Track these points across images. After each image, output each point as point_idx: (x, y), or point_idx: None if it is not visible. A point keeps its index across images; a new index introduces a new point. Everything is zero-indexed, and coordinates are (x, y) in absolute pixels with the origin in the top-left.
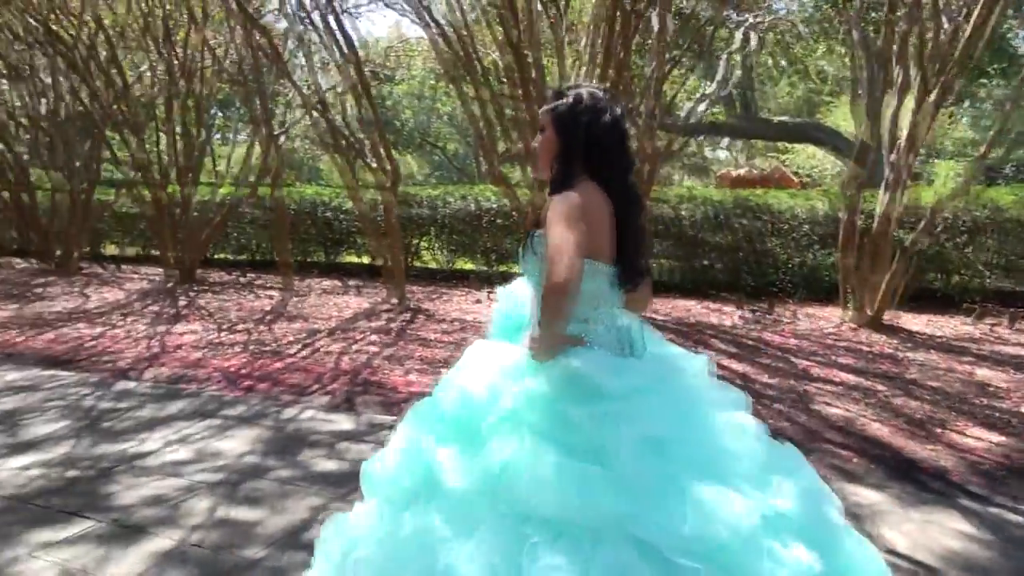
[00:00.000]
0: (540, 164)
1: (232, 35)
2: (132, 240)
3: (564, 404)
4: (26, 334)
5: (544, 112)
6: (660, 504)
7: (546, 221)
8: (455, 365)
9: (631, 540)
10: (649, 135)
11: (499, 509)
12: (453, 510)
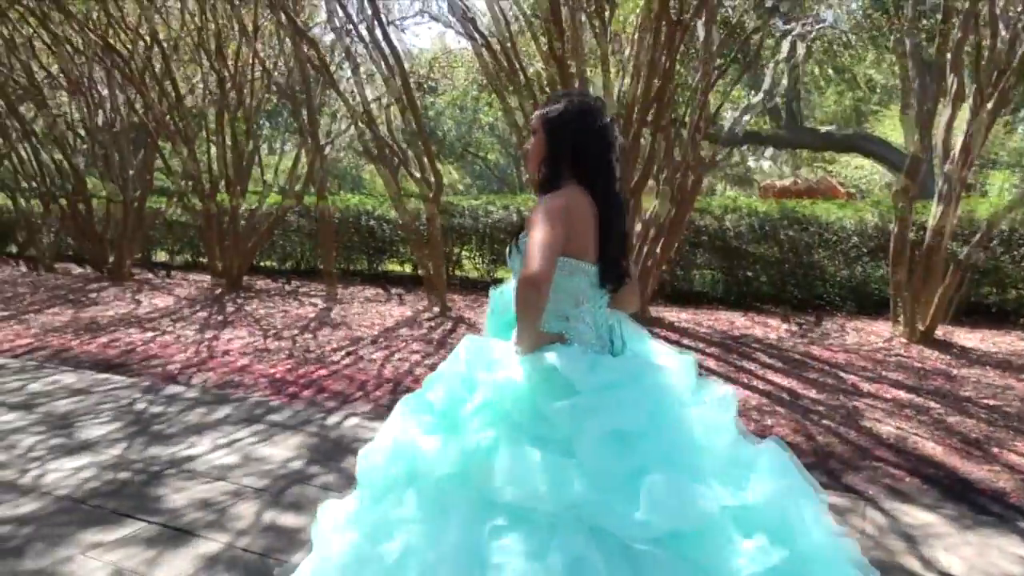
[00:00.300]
0: (531, 166)
1: (281, 47)
2: (182, 248)
3: (538, 397)
4: (81, 338)
5: (535, 116)
6: (620, 494)
7: (529, 219)
8: (448, 358)
9: (587, 527)
10: (693, 145)
11: (468, 494)
12: (426, 495)
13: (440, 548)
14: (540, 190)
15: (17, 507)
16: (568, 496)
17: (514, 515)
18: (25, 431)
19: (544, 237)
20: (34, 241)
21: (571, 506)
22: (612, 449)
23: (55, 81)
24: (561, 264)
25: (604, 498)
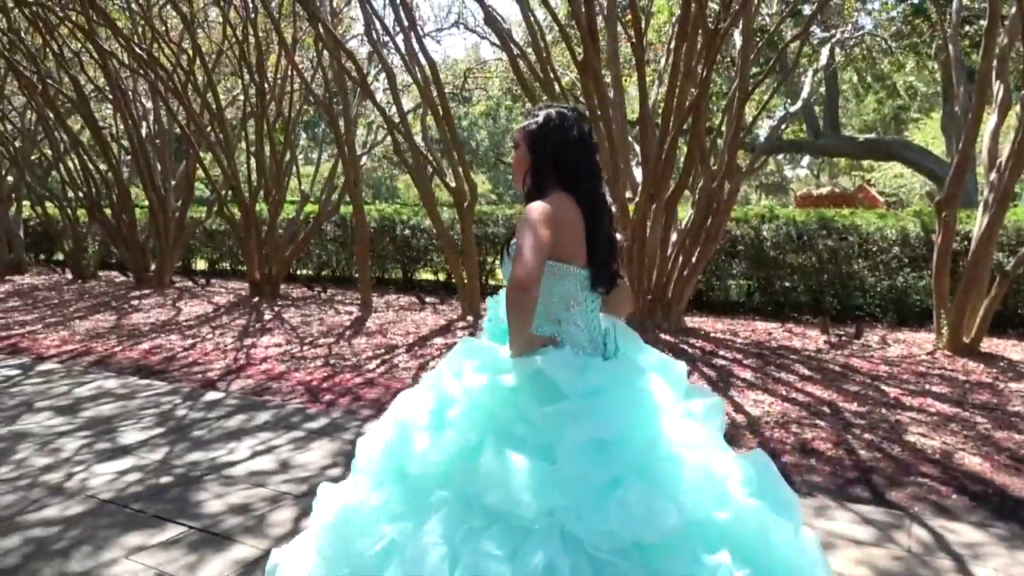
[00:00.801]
0: (517, 179)
1: (319, 60)
2: (220, 256)
3: (524, 400)
4: (124, 344)
5: (517, 130)
6: (593, 502)
7: (516, 226)
8: (444, 359)
9: (560, 533)
10: (730, 155)
11: (449, 494)
12: (412, 492)
13: (419, 545)
14: (527, 200)
15: (65, 509)
16: (544, 502)
17: (491, 517)
18: (71, 435)
19: (530, 242)
20: (80, 249)
21: (547, 512)
22: (591, 457)
23: (101, 94)
24: (551, 268)
25: (577, 505)
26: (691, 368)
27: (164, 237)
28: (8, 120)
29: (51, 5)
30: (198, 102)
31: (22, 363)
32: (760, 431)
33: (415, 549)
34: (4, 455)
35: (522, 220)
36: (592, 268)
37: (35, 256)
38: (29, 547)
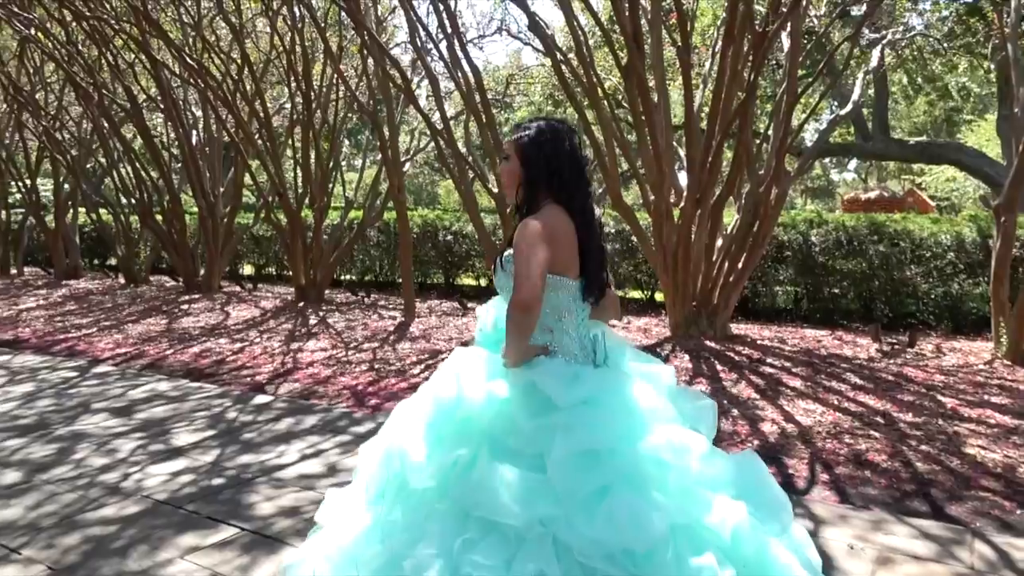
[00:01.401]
0: (508, 191)
1: (364, 67)
2: (267, 261)
3: (517, 412)
4: (175, 347)
5: (508, 143)
6: (582, 512)
7: (515, 241)
8: (438, 369)
9: (552, 541)
10: (778, 159)
11: (446, 506)
12: (411, 504)
13: (417, 557)
14: (519, 212)
15: (122, 509)
16: (536, 512)
17: (486, 528)
18: (126, 436)
19: (531, 260)
20: (132, 255)
21: (538, 521)
22: (580, 467)
23: (153, 103)
24: (546, 281)
25: (567, 514)
26: (738, 376)
27: (213, 243)
28: (66, 129)
29: (107, 18)
30: (246, 110)
31: (79, 365)
32: (812, 441)
33: (415, 561)
34: (64, 455)
35: (521, 237)
36: (585, 279)
37: (90, 261)
38: (88, 545)
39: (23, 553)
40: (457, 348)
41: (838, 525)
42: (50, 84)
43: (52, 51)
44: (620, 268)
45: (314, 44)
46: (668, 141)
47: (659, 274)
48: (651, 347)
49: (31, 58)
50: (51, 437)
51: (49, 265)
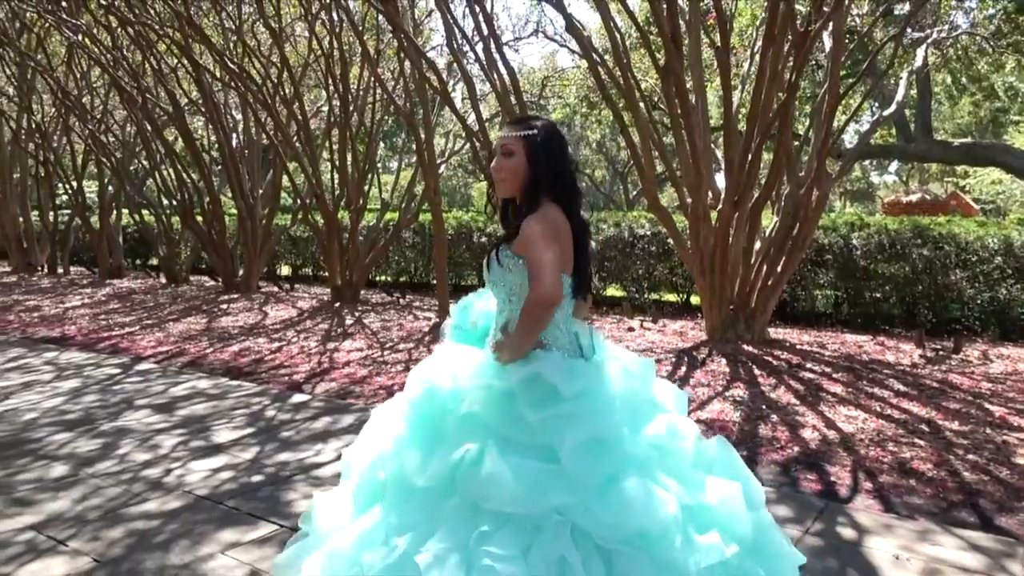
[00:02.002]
0: (506, 187)
1: (401, 69)
2: (303, 262)
3: (521, 406)
4: (214, 346)
5: (514, 138)
6: (597, 498)
7: (524, 239)
8: (421, 365)
9: (568, 528)
10: (819, 160)
11: (454, 502)
12: (415, 503)
13: (431, 552)
14: (521, 212)
15: (164, 504)
16: (551, 501)
17: (500, 520)
18: (168, 432)
19: (549, 258)
20: (173, 255)
21: (554, 510)
22: (591, 455)
23: (195, 107)
24: None
25: (583, 502)
26: (777, 381)
27: (251, 244)
28: (111, 132)
29: (152, 24)
30: (285, 113)
31: (122, 362)
32: (854, 448)
33: (429, 556)
34: (109, 449)
35: (533, 235)
36: (577, 276)
37: (132, 261)
38: (132, 539)
39: (70, 545)
40: (445, 346)
41: (883, 535)
42: (96, 88)
43: (98, 56)
44: (655, 271)
45: (352, 47)
46: (706, 143)
47: (695, 277)
48: (687, 350)
49: (78, 63)
50: (96, 432)
51: (94, 265)
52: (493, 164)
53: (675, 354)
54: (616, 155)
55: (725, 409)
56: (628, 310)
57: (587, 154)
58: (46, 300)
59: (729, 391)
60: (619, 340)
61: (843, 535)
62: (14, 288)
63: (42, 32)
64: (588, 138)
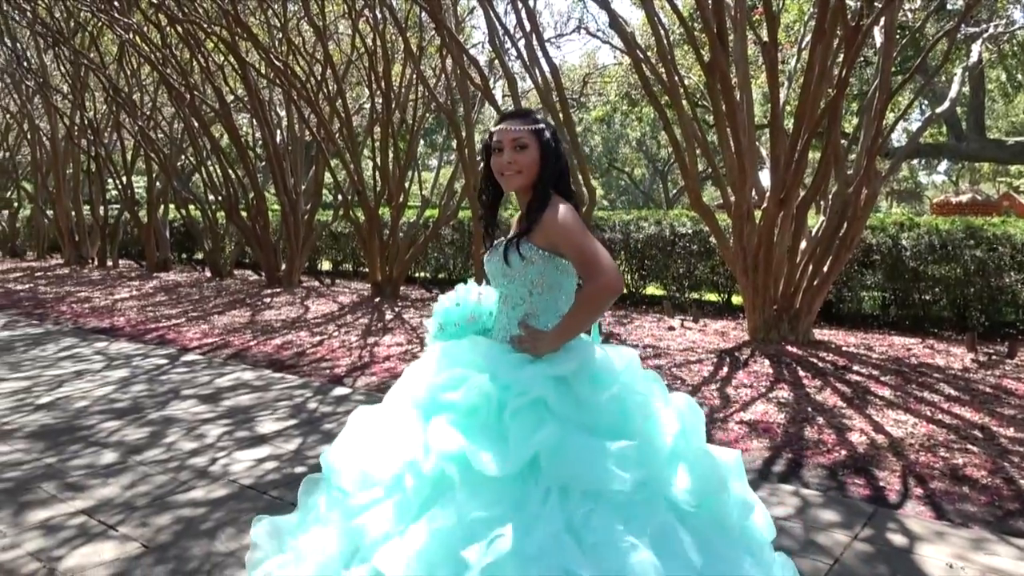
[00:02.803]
0: (518, 181)
1: (443, 65)
2: (344, 257)
3: (580, 389)
4: (258, 339)
5: (527, 132)
6: (671, 468)
7: (563, 230)
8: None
9: (661, 499)
10: (869, 158)
11: (540, 488)
12: (494, 495)
13: (533, 542)
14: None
15: (210, 492)
16: (637, 474)
17: (591, 497)
18: (213, 422)
19: (598, 245)
20: (218, 249)
21: (641, 483)
22: (654, 431)
23: (240, 104)
24: (566, 266)
25: (660, 472)
26: (822, 383)
27: (294, 239)
28: (159, 128)
29: (200, 22)
30: (328, 110)
31: (169, 353)
32: (903, 453)
33: (535, 542)
34: (156, 438)
35: (569, 224)
36: None
37: (179, 255)
38: (179, 526)
39: (119, 530)
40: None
41: (935, 542)
42: (146, 86)
43: (148, 54)
44: (696, 270)
45: (394, 45)
46: (751, 140)
47: (738, 276)
48: (729, 351)
49: (129, 61)
50: (144, 421)
51: (141, 258)
52: (504, 158)
53: (716, 354)
54: (656, 153)
55: (769, 410)
56: (668, 309)
57: (627, 152)
58: (96, 292)
59: (773, 392)
60: (659, 339)
61: (894, 542)
62: (66, 280)
63: (95, 31)
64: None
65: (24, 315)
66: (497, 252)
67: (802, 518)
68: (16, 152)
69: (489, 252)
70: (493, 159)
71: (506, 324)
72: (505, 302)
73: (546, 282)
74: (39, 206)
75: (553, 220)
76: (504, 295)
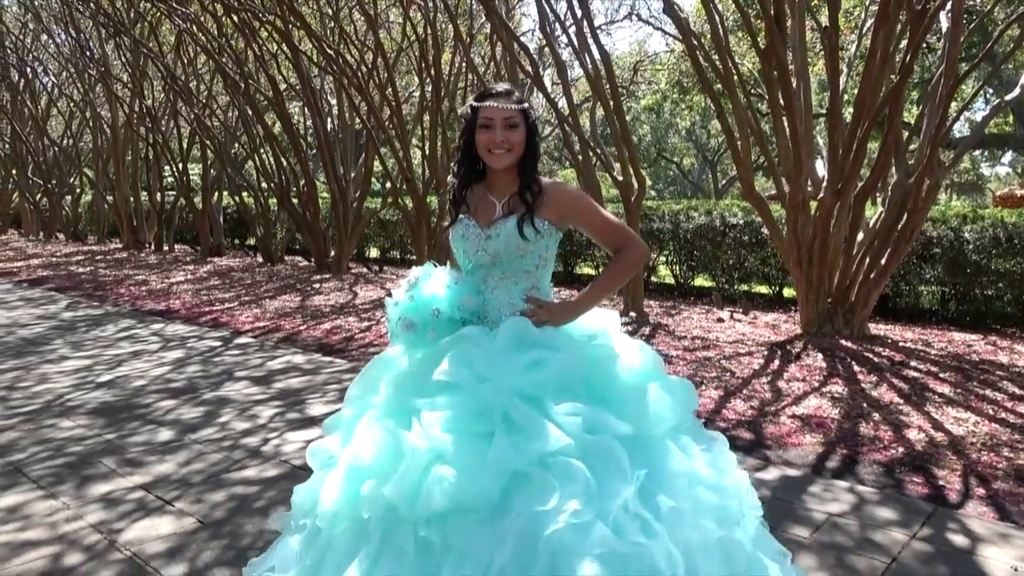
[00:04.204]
0: (508, 159)
1: (492, 52)
2: (391, 244)
3: (647, 348)
4: (308, 323)
5: (517, 111)
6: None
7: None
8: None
9: (671, 433)
10: (932, 148)
11: (636, 434)
12: (602, 454)
13: (677, 459)
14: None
15: (262, 471)
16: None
17: (674, 433)
18: (265, 403)
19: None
20: (269, 235)
21: (670, 427)
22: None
23: (293, 92)
24: (558, 239)
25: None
26: (878, 379)
27: (343, 226)
28: (215, 116)
29: (255, 10)
30: (378, 98)
31: (223, 336)
32: (964, 452)
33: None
34: (211, 417)
35: (582, 199)
36: None
37: (232, 240)
38: (233, 503)
39: (176, 505)
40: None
41: (999, 544)
42: (202, 75)
43: (205, 43)
44: (746, 261)
45: (444, 32)
46: (807, 128)
47: (791, 268)
48: (780, 344)
49: (186, 50)
50: (199, 400)
51: (196, 243)
52: (497, 136)
53: (767, 347)
54: (706, 143)
55: (823, 405)
56: (717, 300)
57: (676, 142)
58: (153, 275)
59: (826, 387)
60: (708, 331)
61: (954, 542)
62: (125, 263)
63: (154, 21)
64: (678, 125)
65: (85, 297)
66: (503, 227)
67: (858, 515)
68: (79, 139)
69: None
70: (480, 135)
71: (508, 301)
72: (503, 278)
73: (548, 255)
74: (100, 192)
75: (574, 195)
76: (502, 272)
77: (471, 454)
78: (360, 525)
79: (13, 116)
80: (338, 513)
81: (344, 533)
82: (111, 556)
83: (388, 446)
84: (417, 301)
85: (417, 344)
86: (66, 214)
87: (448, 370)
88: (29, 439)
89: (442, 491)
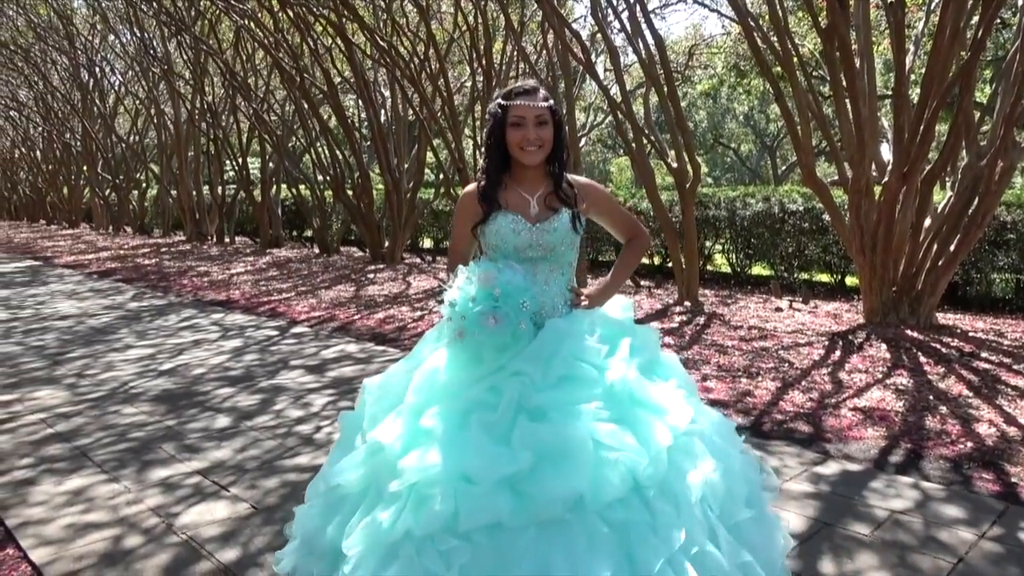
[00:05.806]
0: (540, 156)
1: (544, 40)
2: (444, 235)
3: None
4: (361, 313)
5: (546, 108)
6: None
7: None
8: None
9: None
10: (1007, 128)
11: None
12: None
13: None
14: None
15: (314, 459)
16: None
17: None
18: (319, 391)
19: None
20: (325, 227)
21: None
22: None
23: (347, 85)
24: None
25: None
26: (946, 370)
27: (397, 217)
28: (272, 111)
29: (310, 4)
30: (430, 89)
31: (279, 325)
32: None
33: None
34: (266, 405)
35: (608, 194)
36: None
37: (289, 232)
38: (286, 489)
39: (231, 491)
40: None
41: None
42: (260, 70)
43: (262, 39)
44: (807, 249)
45: (496, 21)
46: (871, 110)
47: (854, 256)
48: (842, 334)
49: (244, 46)
50: (255, 388)
51: (255, 235)
52: (530, 133)
53: (828, 337)
54: (764, 128)
55: (886, 398)
56: (776, 289)
57: (733, 127)
58: (214, 267)
59: (890, 379)
60: (765, 320)
61: None
62: (187, 255)
63: (213, 18)
64: (735, 110)
65: (150, 287)
66: (559, 222)
67: (922, 513)
68: (144, 136)
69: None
70: (511, 133)
71: (559, 291)
72: (552, 271)
73: (577, 246)
74: (164, 186)
75: (602, 191)
76: (550, 266)
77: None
78: None
79: (84, 115)
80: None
81: None
82: (168, 539)
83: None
84: (505, 293)
85: (506, 337)
86: (133, 208)
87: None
88: (95, 424)
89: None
